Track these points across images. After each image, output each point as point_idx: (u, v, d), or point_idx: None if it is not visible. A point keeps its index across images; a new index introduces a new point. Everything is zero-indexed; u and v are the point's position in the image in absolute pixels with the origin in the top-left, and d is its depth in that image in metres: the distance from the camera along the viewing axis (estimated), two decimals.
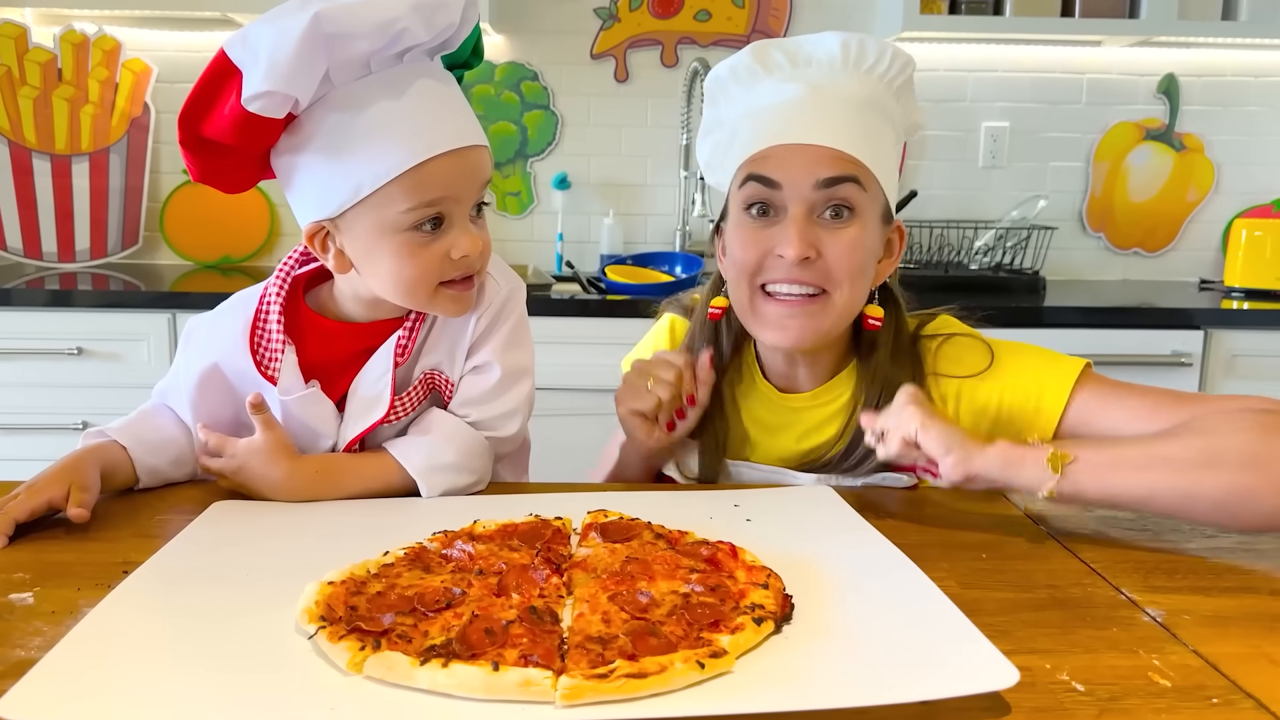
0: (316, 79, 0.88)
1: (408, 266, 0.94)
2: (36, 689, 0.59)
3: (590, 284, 2.47)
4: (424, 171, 0.91)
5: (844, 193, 1.01)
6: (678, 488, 1.08)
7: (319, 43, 0.86)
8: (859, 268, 1.03)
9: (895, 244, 1.11)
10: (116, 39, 2.62)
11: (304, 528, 0.91)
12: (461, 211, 0.95)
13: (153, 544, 0.84)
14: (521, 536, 0.83)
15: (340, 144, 0.91)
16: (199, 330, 1.08)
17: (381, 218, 0.93)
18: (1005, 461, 0.90)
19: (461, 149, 0.93)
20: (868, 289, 1.07)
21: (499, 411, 1.06)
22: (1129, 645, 0.70)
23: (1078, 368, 1.04)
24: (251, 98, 0.86)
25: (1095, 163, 2.82)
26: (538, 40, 2.73)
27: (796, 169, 1.01)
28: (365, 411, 1.02)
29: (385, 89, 0.91)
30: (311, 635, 0.64)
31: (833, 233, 1.02)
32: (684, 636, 0.65)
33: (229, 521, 0.92)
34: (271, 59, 0.85)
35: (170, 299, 2.23)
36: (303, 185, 0.96)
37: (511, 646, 0.63)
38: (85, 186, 2.66)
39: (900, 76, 1.05)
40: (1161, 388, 1.00)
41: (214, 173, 0.97)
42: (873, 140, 1.03)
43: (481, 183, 0.97)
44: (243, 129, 0.89)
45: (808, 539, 0.87)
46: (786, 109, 1.03)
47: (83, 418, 2.21)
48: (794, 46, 1.07)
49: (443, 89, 0.95)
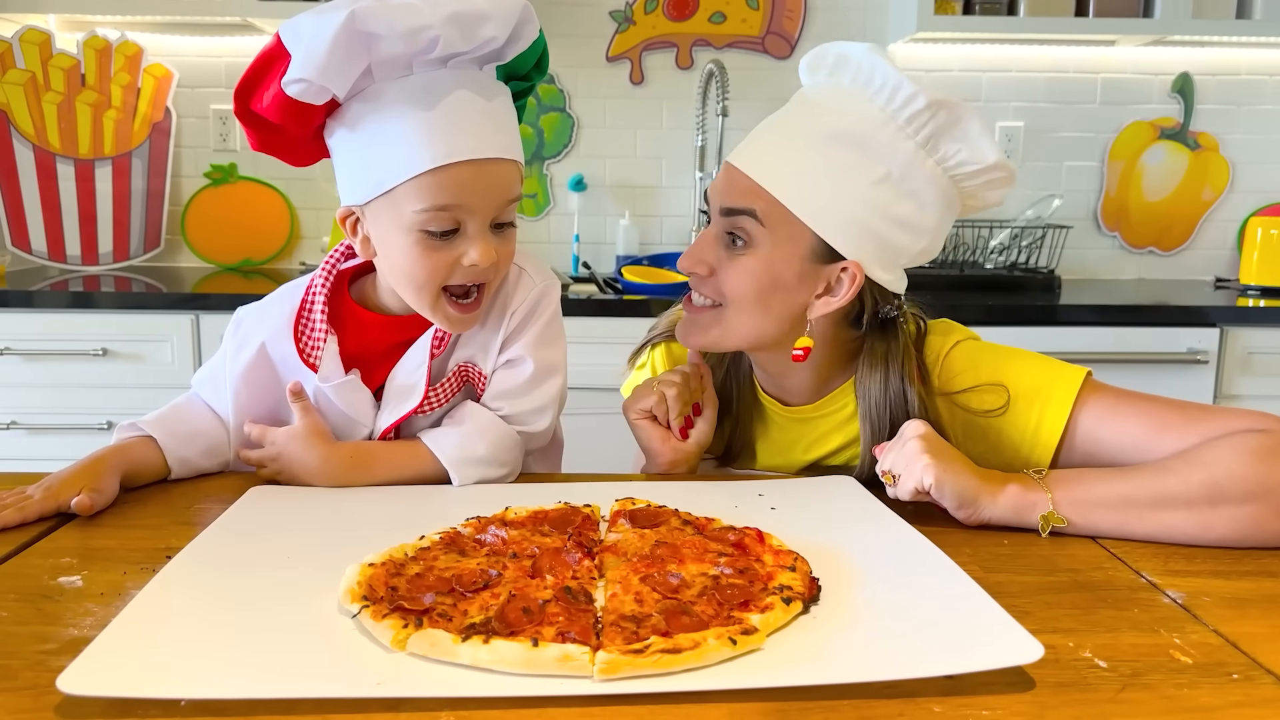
0: (354, 73, 0.92)
1: (417, 265, 0.97)
2: (93, 665, 0.61)
3: (607, 284, 2.49)
4: (441, 176, 0.93)
5: (738, 224, 1.01)
6: (701, 478, 1.10)
7: (355, 39, 0.89)
8: (752, 295, 1.02)
9: (843, 285, 1.02)
10: (139, 44, 2.66)
11: (338, 513, 0.93)
12: (479, 222, 0.97)
13: (192, 530, 0.87)
14: (552, 522, 0.85)
15: (372, 137, 0.95)
16: (248, 318, 1.11)
17: (399, 214, 0.95)
18: (1017, 510, 0.91)
19: (484, 160, 0.95)
20: (771, 321, 1.03)
21: (530, 406, 1.08)
22: (1150, 625, 0.71)
23: (1078, 381, 1.00)
24: (289, 82, 0.90)
25: (1110, 162, 2.83)
26: (553, 43, 2.70)
27: (717, 189, 1.05)
28: (400, 400, 1.05)
29: (420, 92, 0.93)
30: (355, 614, 0.66)
31: (729, 258, 1.03)
32: (715, 615, 0.66)
33: (265, 507, 0.94)
34: (309, 48, 0.88)
35: (192, 300, 2.27)
36: (341, 169, 1.00)
37: (549, 624, 0.65)
38: (108, 190, 2.70)
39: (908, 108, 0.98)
40: (1163, 398, 0.98)
41: (270, 145, 1.01)
42: (818, 175, 0.98)
43: (504, 199, 0.98)
44: (285, 110, 0.93)
45: (832, 526, 0.89)
46: (762, 122, 1.06)
47: (107, 418, 2.25)
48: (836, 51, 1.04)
49: (479, 100, 0.96)
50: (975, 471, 0.91)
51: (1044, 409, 1.01)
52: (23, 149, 2.65)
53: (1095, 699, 0.61)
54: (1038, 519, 0.89)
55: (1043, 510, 0.89)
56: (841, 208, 0.98)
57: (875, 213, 0.99)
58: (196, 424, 1.10)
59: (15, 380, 2.23)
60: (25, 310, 2.23)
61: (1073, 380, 1.01)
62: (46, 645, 0.66)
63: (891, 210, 0.99)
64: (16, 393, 2.24)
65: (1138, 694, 0.62)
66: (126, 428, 1.08)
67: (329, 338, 1.04)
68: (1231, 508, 0.86)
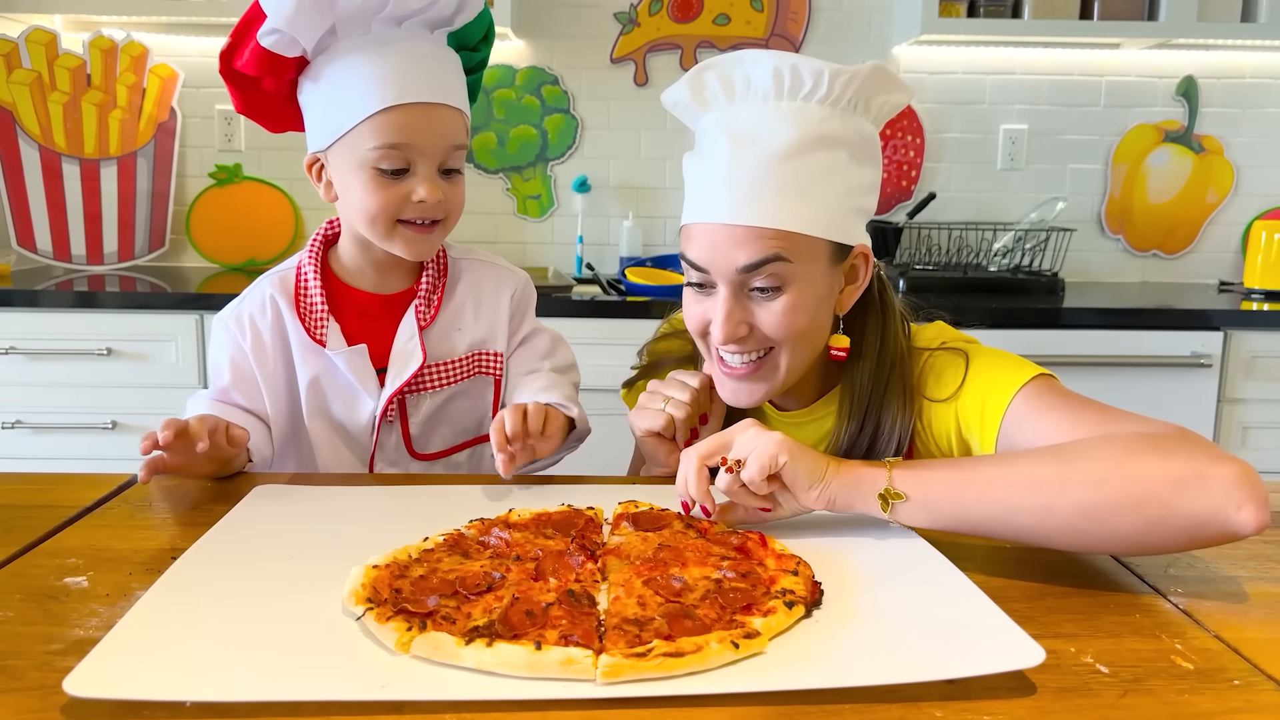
0: (321, 27, 1.05)
1: (371, 199, 1.09)
2: (99, 667, 0.61)
3: (610, 286, 2.49)
4: (391, 116, 1.06)
5: (766, 272, 0.98)
6: None
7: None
8: (799, 329, 1.01)
9: (860, 269, 1.05)
10: (144, 45, 2.66)
11: (342, 512, 0.93)
12: (426, 163, 1.09)
13: (197, 531, 0.87)
14: (555, 525, 0.85)
15: (333, 85, 1.08)
16: (234, 315, 1.18)
17: (355, 153, 1.08)
18: (857, 482, 0.86)
19: (429, 104, 1.07)
20: (820, 336, 1.05)
21: (566, 361, 1.27)
22: (1151, 630, 0.72)
23: (1027, 375, 0.97)
24: (265, 33, 1.04)
25: (1114, 165, 2.83)
26: (558, 45, 2.76)
27: (718, 253, 0.99)
28: (402, 367, 1.16)
29: (376, 44, 1.07)
30: (359, 616, 0.67)
31: (763, 306, 1.00)
32: (718, 619, 0.67)
33: (269, 506, 0.95)
34: (281, 3, 1.02)
35: (197, 300, 2.27)
36: (308, 121, 1.13)
37: (552, 627, 0.65)
38: (113, 190, 2.70)
39: (847, 91, 0.98)
40: (1105, 405, 0.92)
41: (251, 105, 1.15)
42: (809, 193, 0.97)
43: (448, 142, 1.10)
44: (262, 63, 1.07)
45: (833, 530, 0.89)
46: (710, 177, 0.99)
47: (112, 417, 2.25)
48: (731, 67, 1.00)
49: (428, 52, 1.09)
50: (819, 454, 0.88)
51: (987, 396, 0.99)
52: (28, 149, 2.65)
53: (1097, 704, 0.61)
54: (877, 495, 0.85)
55: (882, 485, 0.85)
56: (836, 205, 0.99)
57: (855, 193, 1.01)
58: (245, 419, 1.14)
59: (20, 379, 2.24)
60: (30, 310, 2.23)
61: (1021, 374, 0.98)
62: (52, 646, 0.67)
63: (862, 183, 1.02)
64: (21, 392, 2.25)
65: (1139, 699, 0.62)
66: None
67: (329, 317, 1.15)
68: (1081, 490, 0.78)
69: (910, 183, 2.83)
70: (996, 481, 0.82)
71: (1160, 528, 0.76)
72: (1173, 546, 0.80)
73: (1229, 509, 0.75)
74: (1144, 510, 0.76)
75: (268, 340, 1.16)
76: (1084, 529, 0.78)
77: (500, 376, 1.23)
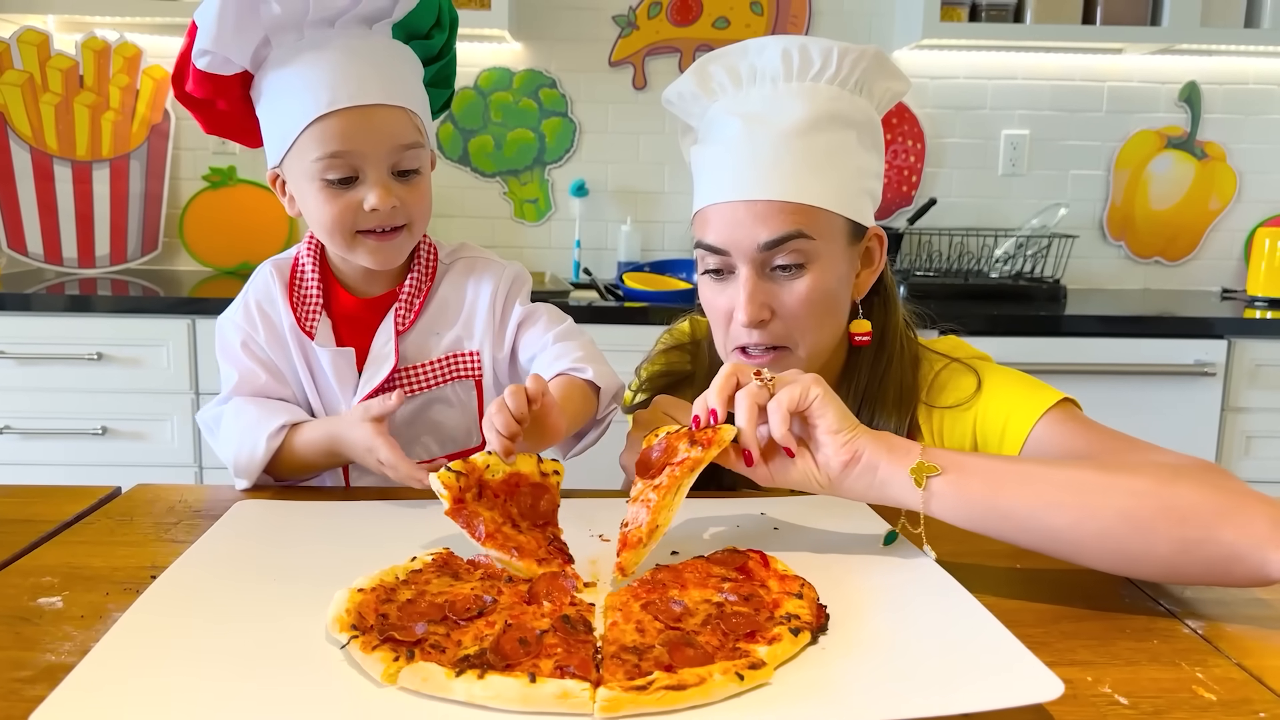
0: (252, 41, 1.01)
1: (324, 212, 1.04)
2: (70, 699, 0.58)
3: (608, 291, 2.46)
4: (329, 124, 1.01)
5: (788, 249, 0.97)
6: (701, 495, 1.06)
7: (243, 6, 0.98)
8: (819, 315, 1.00)
9: (875, 252, 1.06)
10: (138, 46, 2.63)
11: (328, 529, 0.90)
12: (374, 167, 1.03)
13: (178, 548, 0.84)
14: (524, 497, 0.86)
15: (275, 97, 1.04)
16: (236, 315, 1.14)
17: (302, 165, 1.03)
18: (890, 446, 0.80)
19: (367, 106, 1.02)
20: (839, 322, 1.05)
21: (570, 326, 1.18)
22: (1170, 658, 0.69)
23: (1052, 399, 0.97)
24: (196, 55, 1.01)
25: (1116, 171, 2.81)
26: (556, 48, 2.73)
27: (738, 232, 0.98)
28: (376, 370, 1.11)
29: (308, 49, 1.02)
30: (344, 645, 0.64)
31: (785, 287, 0.99)
32: (720, 647, 0.64)
33: (252, 522, 0.91)
34: (205, 23, 0.98)
35: (189, 304, 2.24)
36: (264, 135, 1.09)
37: (546, 657, 0.62)
38: (105, 192, 2.67)
39: (854, 72, 0.99)
40: (1130, 436, 0.92)
41: (217, 125, 1.11)
42: (824, 169, 0.98)
43: (394, 144, 1.04)
44: (205, 85, 1.04)
45: (837, 547, 0.86)
46: (724, 158, 0.99)
47: (102, 423, 2.22)
48: (737, 58, 1.01)
49: (365, 50, 1.03)
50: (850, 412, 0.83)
51: (1010, 415, 0.99)
52: (19, 150, 2.62)
53: None
54: (909, 467, 0.79)
55: (915, 456, 0.80)
56: (849, 183, 1.00)
57: (865, 175, 1.02)
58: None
59: (9, 384, 2.21)
60: (20, 313, 2.20)
61: (1046, 398, 0.98)
62: (22, 673, 0.64)
63: (870, 167, 1.02)
64: (10, 397, 2.21)
65: None
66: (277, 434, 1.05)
67: (322, 313, 1.12)
68: (1125, 498, 0.75)
69: (911, 188, 2.80)
70: (1038, 476, 0.78)
71: (1196, 552, 0.73)
72: (1201, 577, 0.77)
73: (1268, 547, 0.72)
74: (1184, 529, 0.73)
75: (277, 324, 1.13)
76: (1121, 538, 0.75)
77: (480, 378, 1.17)
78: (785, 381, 0.82)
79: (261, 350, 1.12)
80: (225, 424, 1.09)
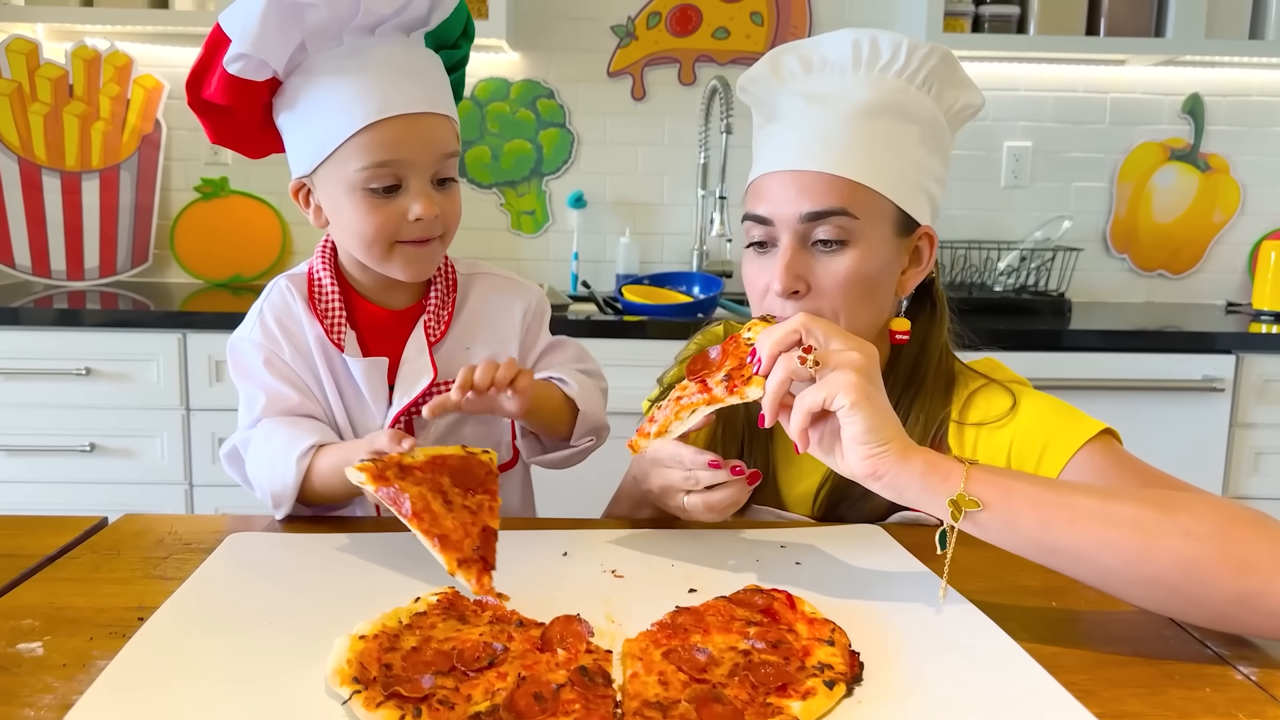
0: (289, 46, 0.98)
1: (365, 222, 1.01)
2: None
3: (607, 304, 2.42)
4: (377, 132, 0.98)
5: (832, 224, 0.95)
6: (715, 526, 1.01)
7: (285, 11, 0.95)
8: (854, 297, 0.97)
9: (924, 251, 1.04)
10: (128, 55, 2.59)
11: (323, 567, 0.86)
12: (419, 176, 1.01)
13: (167, 586, 0.80)
14: (452, 471, 0.86)
15: (311, 106, 1.01)
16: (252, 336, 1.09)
17: (342, 175, 1.00)
18: (925, 471, 0.75)
19: (415, 115, 1.00)
20: (879, 311, 1.01)
21: (594, 366, 1.20)
22: (1225, 708, 0.65)
23: (1094, 429, 0.94)
24: (231, 60, 0.96)
25: (1119, 183, 2.78)
26: (554, 58, 2.69)
27: (783, 202, 0.97)
28: (412, 383, 1.08)
29: (350, 57, 0.99)
30: (345, 700, 0.59)
31: (824, 262, 0.96)
32: (750, 701, 0.59)
33: (245, 558, 0.87)
34: (244, 26, 0.95)
35: (180, 319, 2.19)
36: (289, 144, 1.06)
37: (563, 714, 0.57)
38: (95, 204, 2.62)
39: (924, 68, 0.98)
40: (1171, 476, 0.90)
41: (225, 135, 1.07)
42: (879, 152, 0.96)
43: (439, 152, 1.03)
44: (231, 91, 1.00)
45: (863, 585, 0.82)
46: (780, 133, 0.99)
47: (90, 440, 2.17)
48: (810, 49, 1.03)
49: (407, 59, 1.02)
50: (892, 419, 0.77)
51: (1049, 441, 0.96)
52: (7, 161, 2.57)
53: None
54: (948, 497, 0.74)
55: (956, 484, 0.74)
56: (903, 174, 0.98)
57: (924, 172, 1.00)
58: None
59: None
60: (7, 327, 2.14)
61: (1088, 428, 0.95)
62: None
63: (930, 167, 1.01)
64: None
65: None
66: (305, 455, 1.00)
67: (346, 325, 1.08)
68: (1184, 542, 0.70)
69: None
70: (1093, 512, 0.73)
71: (1254, 604, 0.69)
72: (1256, 629, 0.73)
73: None
74: (1244, 580, 0.69)
75: (300, 338, 1.08)
76: (1176, 584, 0.71)
77: None
78: (830, 365, 0.76)
79: (287, 367, 1.08)
80: (254, 449, 1.04)
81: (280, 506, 1.01)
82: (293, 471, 0.98)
